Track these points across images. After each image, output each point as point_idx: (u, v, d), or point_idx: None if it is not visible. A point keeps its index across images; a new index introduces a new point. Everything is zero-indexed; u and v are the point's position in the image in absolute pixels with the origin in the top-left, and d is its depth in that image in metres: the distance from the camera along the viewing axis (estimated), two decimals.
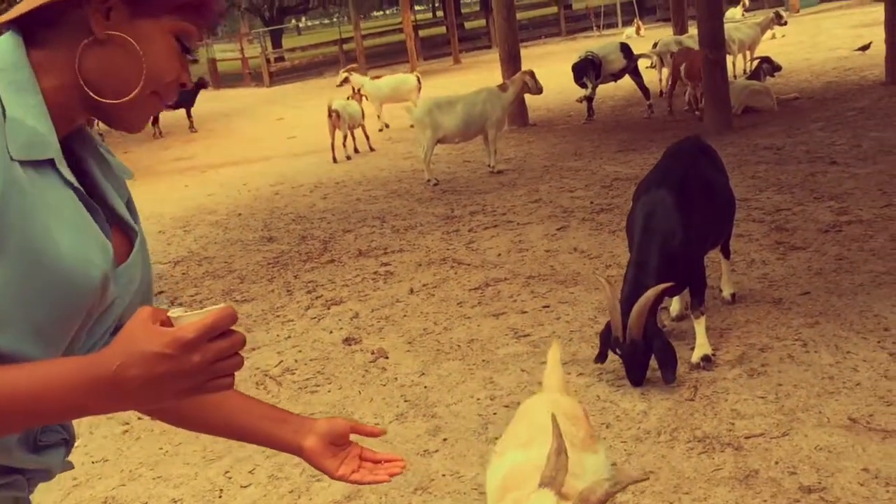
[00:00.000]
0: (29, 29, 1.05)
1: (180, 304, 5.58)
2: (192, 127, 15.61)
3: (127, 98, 1.05)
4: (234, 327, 0.93)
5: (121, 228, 1.16)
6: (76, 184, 1.03)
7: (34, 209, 0.97)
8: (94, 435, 3.80)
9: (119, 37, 1.03)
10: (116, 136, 15.84)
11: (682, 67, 9.44)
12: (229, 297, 5.59)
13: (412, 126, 9.22)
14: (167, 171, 11.65)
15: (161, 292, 5.93)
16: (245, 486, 3.21)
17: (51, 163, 1.00)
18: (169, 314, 0.93)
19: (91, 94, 1.04)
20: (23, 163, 0.97)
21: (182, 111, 15.70)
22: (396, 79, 12.59)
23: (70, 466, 1.20)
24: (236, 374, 0.96)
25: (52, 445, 1.12)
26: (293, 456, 1.32)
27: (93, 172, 1.14)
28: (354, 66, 13.82)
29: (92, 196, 1.11)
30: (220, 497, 3.18)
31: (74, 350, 1.06)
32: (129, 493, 3.29)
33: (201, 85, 16.32)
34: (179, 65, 1.08)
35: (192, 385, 0.93)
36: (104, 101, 1.05)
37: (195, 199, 9.21)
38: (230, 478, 3.29)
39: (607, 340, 3.57)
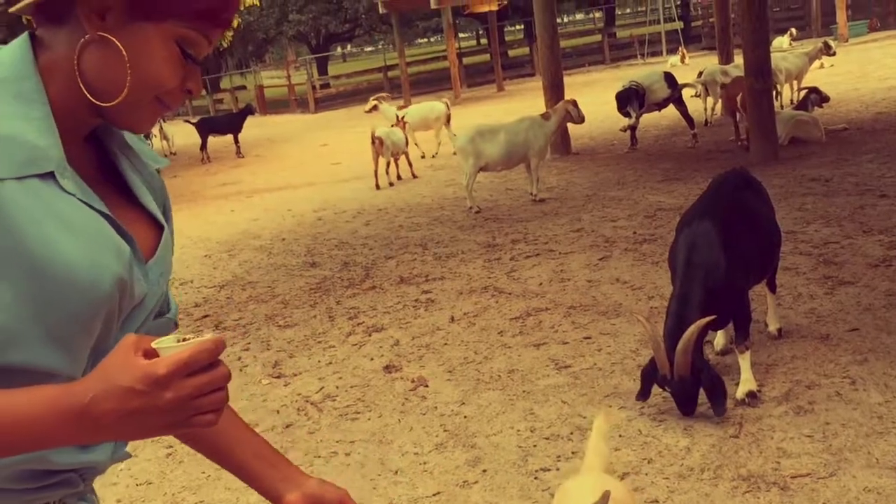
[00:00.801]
0: (38, 29, 1.04)
1: (202, 329, 5.63)
2: (238, 152, 15.90)
3: (117, 101, 1.02)
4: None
5: (149, 220, 1.15)
6: (78, 194, 1.01)
7: (34, 224, 0.95)
8: (138, 458, 3.86)
9: (108, 38, 1.00)
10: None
11: (739, 98, 9.32)
12: (272, 321, 5.65)
13: (454, 153, 9.27)
14: (214, 195, 11.85)
15: (206, 316, 6.02)
16: None
17: (53, 174, 0.99)
18: (153, 344, 0.90)
19: (87, 94, 1.02)
20: (24, 178, 0.96)
21: (230, 137, 16.02)
22: (424, 107, 12.70)
23: (126, 456, 1.18)
24: (282, 400, 0.94)
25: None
26: (333, 482, 1.26)
27: (120, 165, 1.13)
28: (383, 94, 14.00)
29: (119, 189, 1.12)
30: None
31: (109, 346, 1.02)
32: None
33: (248, 111, 16.64)
34: (182, 72, 1.03)
35: (168, 422, 0.89)
36: (99, 103, 1.03)
37: (240, 224, 9.35)
38: None
39: (650, 377, 3.52)
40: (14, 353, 0.96)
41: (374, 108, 12.95)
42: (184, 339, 0.90)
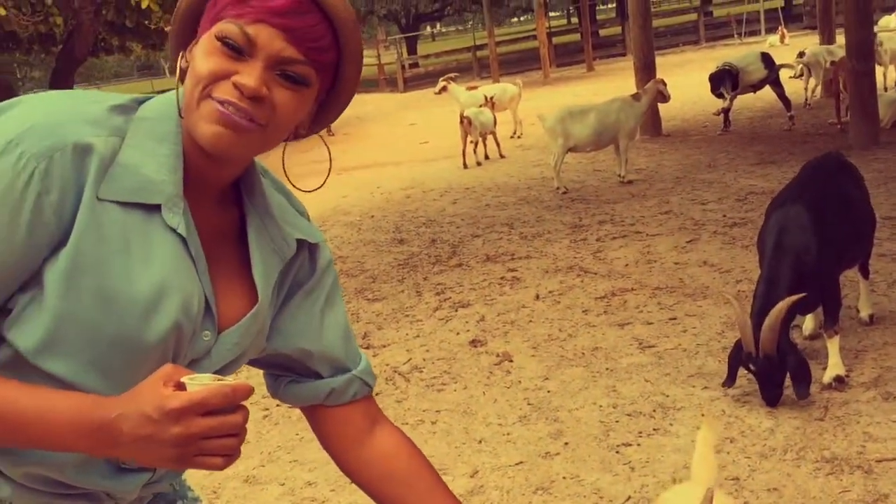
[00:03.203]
0: None
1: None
2: (329, 130, 16.25)
3: (181, 106, 1.04)
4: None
5: (251, 292, 1.14)
6: (179, 230, 1.03)
7: (121, 252, 1.00)
8: None
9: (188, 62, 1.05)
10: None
11: (842, 79, 9.02)
12: (361, 295, 5.84)
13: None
14: (305, 172, 12.13)
15: None
16: None
17: (159, 208, 1.03)
18: (184, 378, 0.93)
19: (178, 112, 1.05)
20: (127, 204, 1.00)
21: None
22: (496, 88, 12.68)
23: (165, 489, 1.23)
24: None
25: (135, 470, 1.12)
26: (420, 449, 1.31)
27: (249, 232, 1.14)
28: (453, 75, 14.03)
29: (240, 255, 1.13)
30: (350, 483, 3.35)
31: None
32: (267, 473, 3.53)
33: None
34: (220, 63, 1.00)
35: (174, 455, 0.92)
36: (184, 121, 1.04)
37: (330, 201, 9.60)
38: None
39: (737, 362, 3.52)
40: (55, 364, 0.99)
41: (444, 89, 13.00)
42: (218, 380, 0.94)
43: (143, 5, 11.28)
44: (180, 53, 1.06)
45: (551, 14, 43.08)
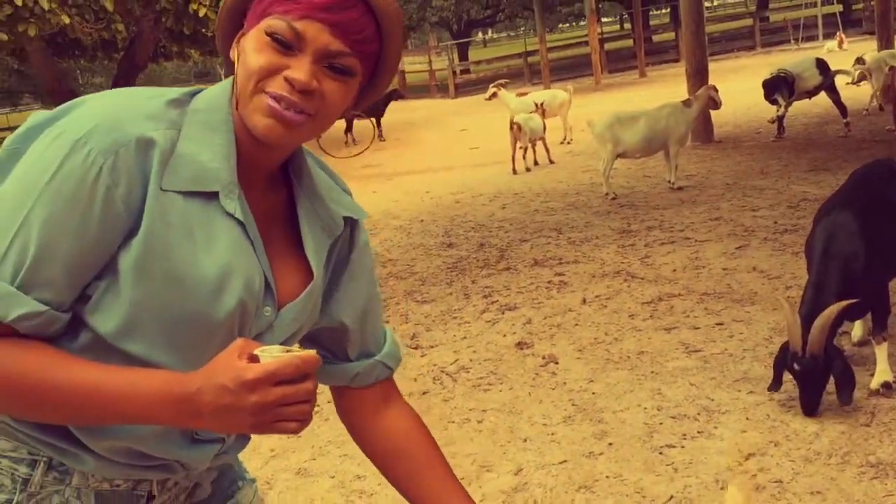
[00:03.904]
0: None
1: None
2: (380, 136, 16.44)
3: (235, 99, 1.10)
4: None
5: (306, 269, 1.21)
6: (237, 215, 1.10)
7: (186, 237, 1.06)
8: None
9: (238, 55, 1.10)
10: (311, 147, 16.92)
11: None
12: (410, 297, 5.94)
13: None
14: (357, 176, 12.35)
15: None
16: None
17: (217, 195, 1.09)
18: (256, 351, 0.99)
19: (234, 107, 1.11)
20: (187, 193, 1.07)
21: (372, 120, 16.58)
22: (546, 94, 12.71)
23: (231, 459, 1.31)
24: (419, 369, 1.05)
25: (207, 441, 1.21)
26: (465, 447, 1.41)
27: (300, 212, 1.21)
28: (504, 81, 14.11)
29: (291, 234, 1.20)
30: None
31: None
32: (318, 466, 3.64)
33: (393, 96, 17.11)
34: (271, 57, 1.05)
35: (253, 422, 0.99)
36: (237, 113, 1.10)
37: (381, 205, 9.75)
38: None
39: (782, 365, 3.53)
40: (133, 344, 1.08)
41: (494, 95, 13.08)
42: (287, 351, 1.00)
43: (201, 14, 11.61)
44: (233, 45, 1.12)
45: (605, 20, 42.87)
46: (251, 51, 1.06)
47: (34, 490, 1.14)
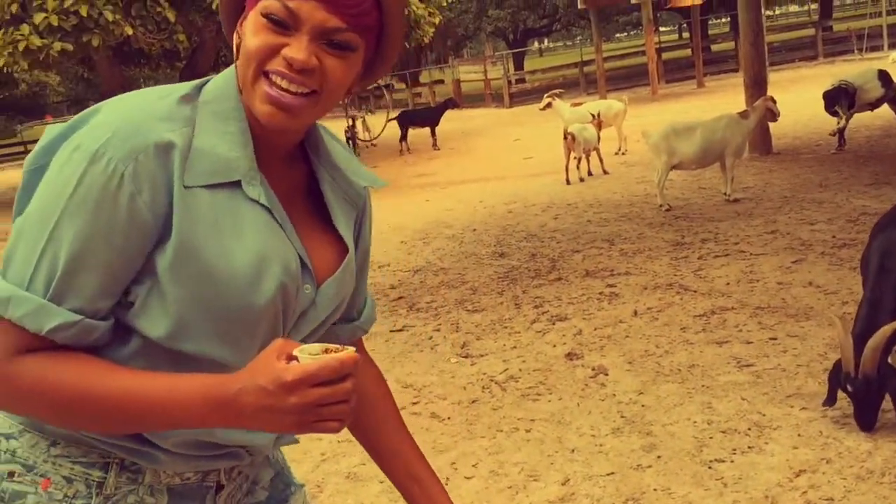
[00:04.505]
0: None
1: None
2: (435, 145, 16.56)
3: (240, 84, 1.10)
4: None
5: (338, 242, 1.22)
6: (262, 200, 1.10)
7: (215, 230, 1.07)
8: None
9: (239, 38, 1.11)
10: (366, 154, 17.13)
11: None
12: (461, 306, 5.99)
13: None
14: (411, 185, 12.47)
15: (400, 297, 6.46)
16: (468, 478, 3.51)
17: (240, 183, 1.09)
18: (295, 351, 0.99)
19: (238, 91, 1.11)
20: (211, 186, 1.07)
21: (427, 130, 16.73)
22: (601, 104, 12.63)
23: (293, 441, 1.33)
24: (469, 378, 1.07)
25: None
26: (513, 455, 1.47)
27: (323, 185, 1.22)
28: (558, 91, 14.05)
29: (316, 209, 1.21)
30: (446, 484, 3.46)
31: None
32: (368, 471, 3.70)
33: (448, 105, 17.21)
34: (268, 38, 1.06)
35: (294, 422, 0.99)
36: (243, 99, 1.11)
37: (434, 214, 9.82)
38: (456, 469, 3.61)
39: (837, 382, 3.49)
40: (186, 343, 1.09)
41: (548, 105, 13.06)
42: (326, 351, 0.99)
43: None
44: (235, 31, 1.12)
45: (662, 29, 42.47)
46: (249, 34, 1.07)
47: (110, 492, 1.17)
